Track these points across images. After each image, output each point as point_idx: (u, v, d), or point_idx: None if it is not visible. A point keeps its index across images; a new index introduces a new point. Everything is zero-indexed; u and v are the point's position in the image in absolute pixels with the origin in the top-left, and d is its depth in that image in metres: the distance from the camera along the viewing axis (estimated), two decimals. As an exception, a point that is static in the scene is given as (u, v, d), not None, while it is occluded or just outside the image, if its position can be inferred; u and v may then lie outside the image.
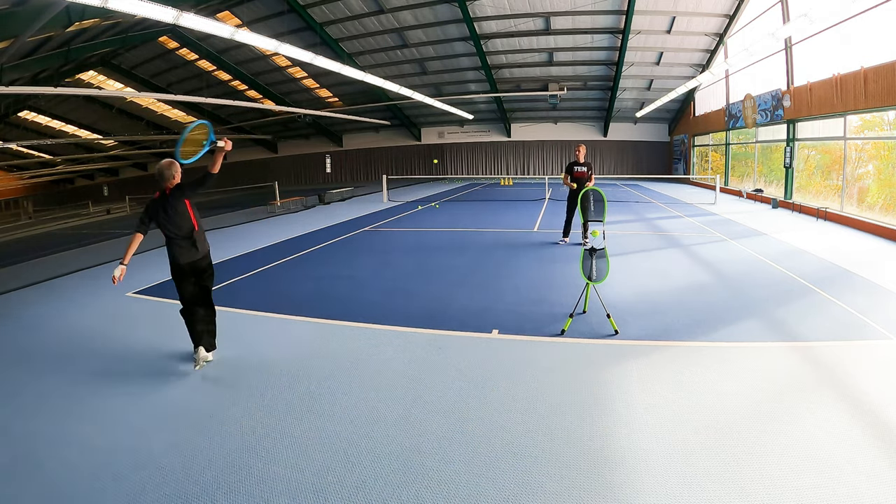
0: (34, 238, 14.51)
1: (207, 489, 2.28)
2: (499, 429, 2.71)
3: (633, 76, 19.50)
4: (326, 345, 4.08)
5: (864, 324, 4.16)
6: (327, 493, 2.23)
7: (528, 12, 16.08)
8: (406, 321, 4.52)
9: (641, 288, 5.42)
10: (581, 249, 4.37)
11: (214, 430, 2.81)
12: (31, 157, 30.81)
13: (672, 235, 8.83)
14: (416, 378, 3.38)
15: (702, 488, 2.18)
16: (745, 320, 4.35)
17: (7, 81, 13.18)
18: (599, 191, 4.42)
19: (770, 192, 14.15)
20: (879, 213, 9.50)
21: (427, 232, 9.91)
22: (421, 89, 19.07)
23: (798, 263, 6.38)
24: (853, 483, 2.17)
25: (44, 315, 5.31)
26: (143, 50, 19.26)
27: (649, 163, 24.83)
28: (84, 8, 9.93)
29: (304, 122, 24.25)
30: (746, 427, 2.66)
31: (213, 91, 20.90)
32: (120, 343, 4.35)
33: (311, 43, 16.36)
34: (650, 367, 3.45)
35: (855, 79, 9.61)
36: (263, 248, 8.67)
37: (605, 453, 2.46)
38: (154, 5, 6.13)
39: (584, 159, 7.69)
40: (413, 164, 28.27)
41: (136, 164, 35.68)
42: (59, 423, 2.98)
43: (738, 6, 14.97)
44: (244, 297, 5.63)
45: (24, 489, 2.35)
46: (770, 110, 13.67)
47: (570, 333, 4.10)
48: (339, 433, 2.73)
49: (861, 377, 3.20)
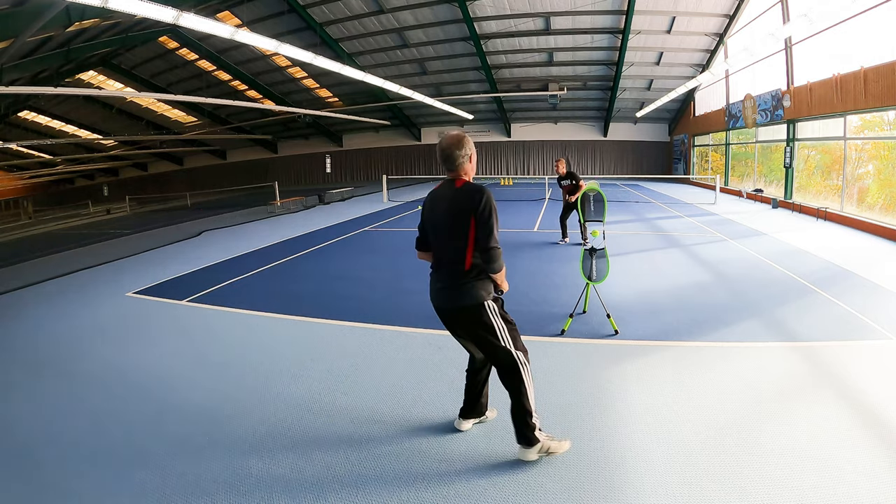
0: (34, 238, 14.51)
1: (208, 490, 2.28)
2: (499, 428, 2.70)
3: (633, 76, 19.50)
4: (326, 345, 4.08)
5: (864, 324, 4.16)
6: (327, 492, 2.23)
7: (528, 12, 16.07)
8: (406, 321, 4.52)
9: (641, 288, 5.42)
10: (581, 249, 4.37)
11: (214, 430, 2.81)
12: (31, 157, 30.79)
13: (672, 235, 8.83)
14: (416, 378, 3.37)
15: (702, 488, 2.18)
16: (745, 320, 4.35)
17: (7, 81, 13.18)
18: (599, 191, 4.42)
19: (770, 192, 14.15)
20: (879, 213, 9.50)
21: (427, 232, 9.90)
22: (421, 89, 19.06)
23: (798, 263, 6.38)
24: (853, 483, 2.17)
25: (44, 315, 5.31)
26: (143, 50, 19.25)
27: (649, 163, 24.83)
28: (84, 8, 9.93)
29: (304, 122, 24.24)
30: (746, 427, 2.66)
31: (213, 91, 20.90)
32: (120, 343, 4.35)
33: (311, 43, 16.34)
34: (650, 367, 3.45)
35: (855, 79, 9.61)
36: (263, 248, 8.67)
37: (605, 453, 2.46)
38: (154, 5, 6.13)
39: (567, 170, 7.76)
40: (413, 164, 28.27)
41: (136, 164, 35.70)
42: (59, 422, 2.98)
43: (738, 6, 14.96)
44: (244, 296, 5.62)
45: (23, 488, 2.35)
46: (770, 110, 13.67)
47: (570, 333, 4.10)
48: (339, 433, 2.73)
49: (861, 377, 3.19)
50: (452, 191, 2.31)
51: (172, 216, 16.95)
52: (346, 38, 18.34)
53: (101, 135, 26.21)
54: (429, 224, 2.41)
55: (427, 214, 2.42)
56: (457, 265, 2.30)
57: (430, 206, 2.40)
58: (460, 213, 2.25)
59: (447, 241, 2.32)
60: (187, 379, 3.53)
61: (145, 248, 9.30)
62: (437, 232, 2.36)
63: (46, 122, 25.30)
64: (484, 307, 2.33)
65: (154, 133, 26.47)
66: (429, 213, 2.41)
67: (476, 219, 2.22)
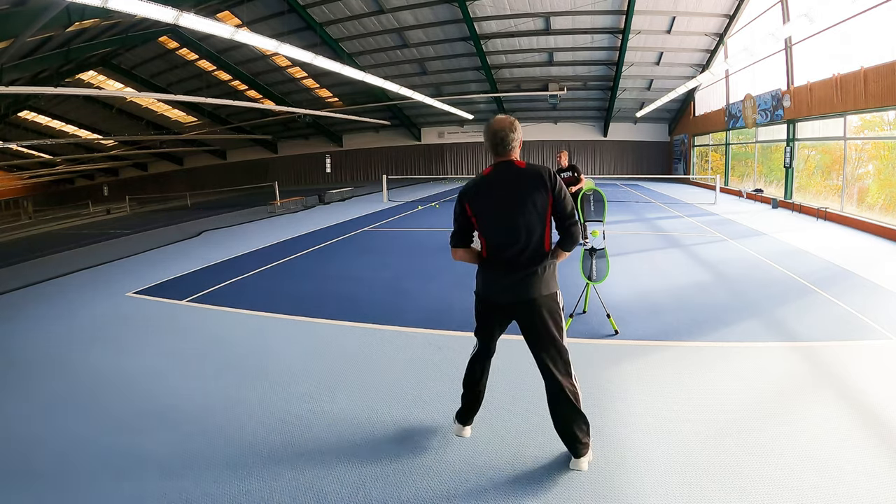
0: (34, 238, 14.51)
1: (208, 490, 2.28)
2: (499, 428, 2.71)
3: (633, 76, 19.49)
4: (326, 345, 4.08)
5: (864, 324, 4.16)
6: (327, 492, 2.23)
7: (528, 12, 16.07)
8: (406, 321, 4.52)
9: (641, 288, 5.42)
10: (581, 249, 4.37)
11: (215, 431, 2.81)
12: (31, 157, 30.79)
13: (672, 235, 8.83)
14: (415, 378, 3.37)
15: (702, 488, 2.18)
16: (745, 320, 4.35)
17: (7, 81, 13.18)
18: (599, 191, 4.42)
19: (770, 192, 14.15)
20: (879, 213, 9.50)
21: (427, 232, 9.91)
22: (421, 89, 19.05)
23: (798, 263, 6.38)
24: (853, 483, 2.17)
25: (43, 315, 5.31)
26: (143, 50, 19.24)
27: (649, 163, 24.82)
28: (84, 8, 9.92)
29: (304, 122, 24.24)
30: (746, 427, 2.65)
31: (213, 91, 20.88)
32: (120, 343, 4.35)
33: (311, 43, 16.34)
34: (650, 367, 3.45)
35: (855, 79, 9.61)
36: (263, 248, 8.66)
37: (605, 453, 2.46)
38: (154, 5, 6.13)
39: (568, 162, 7.62)
40: (413, 164, 28.27)
41: (136, 164, 35.68)
42: (59, 422, 2.98)
43: (738, 6, 14.96)
44: (244, 296, 5.62)
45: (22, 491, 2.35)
46: (770, 110, 13.67)
47: (570, 333, 4.09)
48: (338, 433, 2.73)
49: (861, 377, 3.19)
50: (516, 172, 2.18)
51: (172, 216, 16.95)
52: (346, 38, 18.33)
53: (101, 135, 26.21)
54: (486, 213, 2.19)
55: (481, 202, 2.20)
56: (537, 249, 2.17)
57: (486, 193, 2.19)
58: (534, 191, 2.13)
59: (520, 224, 2.15)
60: (187, 379, 3.53)
61: (145, 248, 9.30)
62: (502, 218, 2.17)
63: (46, 122, 25.30)
64: (559, 292, 2.27)
65: (154, 133, 26.47)
66: (484, 199, 2.19)
67: (554, 196, 2.15)
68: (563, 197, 2.18)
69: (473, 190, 2.24)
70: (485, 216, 2.21)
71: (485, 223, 2.22)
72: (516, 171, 2.19)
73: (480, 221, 2.23)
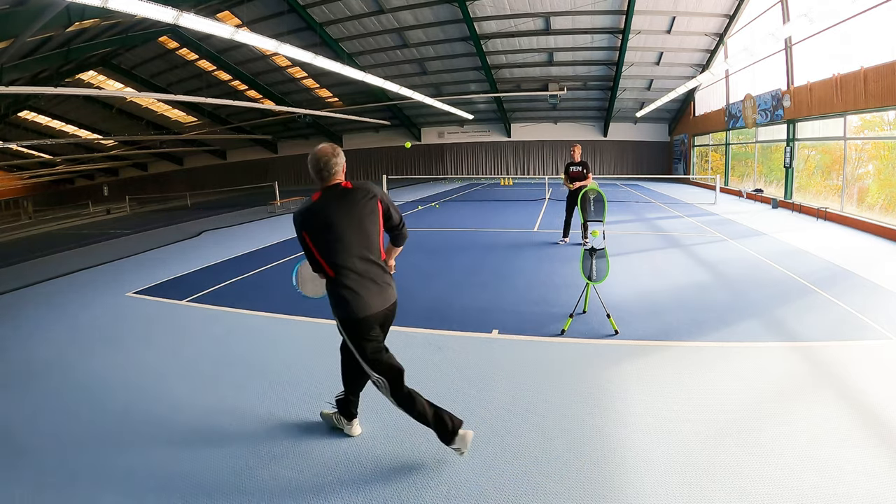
0: (34, 238, 14.51)
1: (209, 490, 2.28)
2: (499, 429, 2.71)
3: (633, 76, 19.49)
4: (326, 344, 4.07)
5: (864, 324, 4.16)
6: (327, 492, 2.23)
7: (528, 12, 16.07)
8: (406, 321, 4.51)
9: (641, 288, 5.42)
10: (581, 249, 4.37)
11: (214, 431, 2.81)
12: (31, 157, 30.80)
13: (672, 235, 8.83)
14: (415, 378, 3.36)
15: (702, 488, 2.18)
16: (745, 320, 4.35)
17: (7, 81, 13.18)
18: (599, 191, 4.42)
19: (770, 192, 14.15)
20: (879, 213, 9.50)
21: (427, 232, 9.91)
22: (421, 89, 19.06)
23: (798, 263, 6.38)
24: (853, 483, 2.17)
25: (43, 315, 5.31)
26: (143, 50, 19.25)
27: (649, 163, 24.82)
28: (84, 8, 9.93)
29: (304, 122, 24.24)
30: (746, 427, 2.66)
31: (213, 91, 20.90)
32: (119, 343, 4.35)
33: (311, 43, 16.34)
34: (650, 367, 3.45)
35: (855, 79, 9.61)
36: (263, 248, 8.66)
37: (605, 453, 2.46)
38: (154, 5, 6.13)
39: (581, 158, 7.66)
40: (413, 164, 28.27)
41: (136, 164, 35.70)
42: (58, 422, 2.98)
43: (738, 6, 14.96)
44: (244, 296, 5.62)
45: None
46: (770, 110, 13.67)
47: (571, 333, 4.10)
48: (339, 433, 2.73)
49: (861, 377, 3.19)
50: (346, 191, 2.34)
51: (172, 216, 16.95)
52: (346, 38, 18.34)
53: (101, 135, 26.21)
54: (326, 234, 2.27)
55: (320, 226, 2.27)
56: (377, 258, 2.38)
57: (324, 215, 2.28)
58: (367, 203, 2.34)
59: (361, 238, 2.31)
60: (187, 379, 3.53)
61: (145, 248, 9.30)
62: (345, 235, 2.28)
63: (46, 122, 25.31)
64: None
65: (154, 133, 26.48)
66: (323, 223, 2.27)
67: (382, 202, 2.39)
68: (392, 204, 2.45)
69: (310, 216, 2.30)
70: (327, 238, 2.29)
71: (326, 244, 2.29)
72: (346, 190, 2.35)
73: (320, 244, 2.30)
